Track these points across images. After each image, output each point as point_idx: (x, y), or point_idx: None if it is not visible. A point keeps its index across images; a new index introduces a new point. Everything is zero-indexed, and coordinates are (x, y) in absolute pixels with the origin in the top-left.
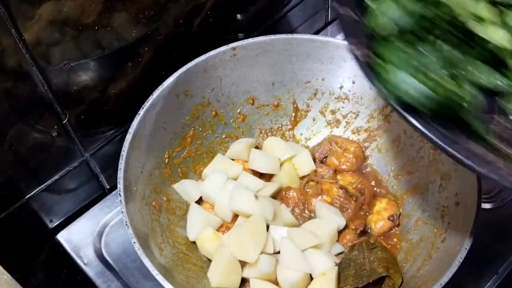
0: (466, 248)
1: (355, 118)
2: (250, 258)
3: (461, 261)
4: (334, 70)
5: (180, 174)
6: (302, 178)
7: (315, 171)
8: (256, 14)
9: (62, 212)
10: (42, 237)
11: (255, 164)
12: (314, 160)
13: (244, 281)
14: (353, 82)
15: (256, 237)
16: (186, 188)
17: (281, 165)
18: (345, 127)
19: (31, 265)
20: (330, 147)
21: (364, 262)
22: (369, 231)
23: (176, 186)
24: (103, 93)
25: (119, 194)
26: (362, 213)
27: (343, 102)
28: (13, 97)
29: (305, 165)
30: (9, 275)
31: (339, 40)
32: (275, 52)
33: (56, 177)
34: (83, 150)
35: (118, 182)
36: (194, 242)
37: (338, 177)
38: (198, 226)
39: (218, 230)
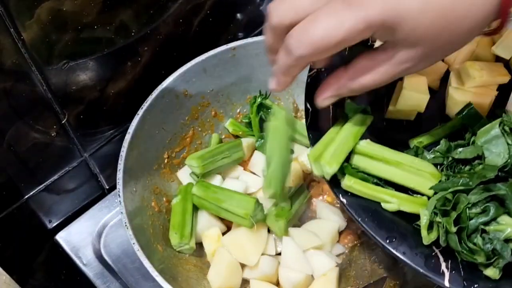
0: None
1: None
2: (250, 262)
3: None
4: None
5: None
6: (309, 174)
7: None
8: (256, 14)
9: (61, 212)
10: (41, 238)
11: (256, 167)
12: None
13: (245, 281)
14: None
15: (256, 240)
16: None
17: None
18: None
19: (30, 266)
20: None
21: (365, 262)
22: None
23: (180, 173)
24: (103, 93)
25: (118, 194)
26: None
27: None
28: (12, 97)
29: None
30: (8, 276)
31: None
32: None
33: (55, 177)
34: (82, 150)
35: (117, 183)
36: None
37: None
38: (206, 224)
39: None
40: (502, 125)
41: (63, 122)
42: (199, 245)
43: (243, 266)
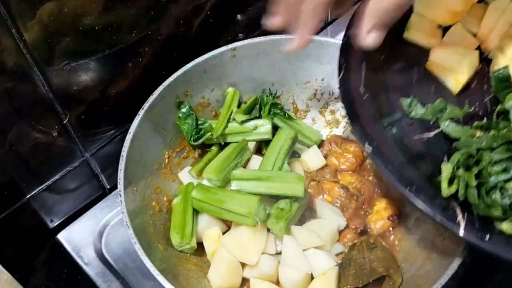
0: (466, 248)
1: None
2: (251, 261)
3: (461, 260)
4: (333, 70)
5: None
6: (316, 171)
7: (316, 170)
8: (256, 14)
9: (62, 212)
10: (42, 237)
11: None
12: None
13: (245, 280)
14: None
15: (256, 239)
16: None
17: (288, 164)
18: (344, 127)
19: (32, 265)
20: (330, 147)
21: (364, 261)
22: (369, 230)
23: (181, 174)
24: (104, 93)
25: (120, 194)
26: (362, 213)
27: None
28: (14, 97)
29: (315, 160)
30: (9, 275)
31: (339, 41)
32: (274, 53)
33: (56, 177)
34: (83, 150)
35: (118, 183)
36: None
37: (338, 177)
38: (206, 224)
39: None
40: None
41: (64, 122)
42: (200, 244)
43: (243, 265)
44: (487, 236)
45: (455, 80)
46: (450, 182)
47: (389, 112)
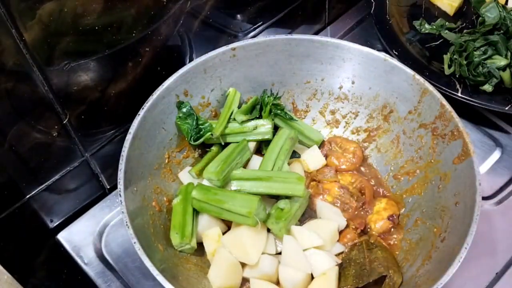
0: (465, 248)
1: (355, 118)
2: (251, 261)
3: (461, 260)
4: (333, 70)
5: None
6: (316, 171)
7: (316, 170)
8: (256, 14)
9: (62, 212)
10: (42, 237)
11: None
12: None
13: (245, 280)
14: (353, 82)
15: (256, 239)
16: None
17: (289, 164)
18: (344, 127)
19: (32, 265)
20: (330, 147)
21: (364, 261)
22: (368, 230)
23: (181, 174)
24: (104, 93)
25: (119, 194)
26: (362, 213)
27: (343, 102)
28: (14, 97)
29: (315, 160)
30: (9, 275)
31: (339, 41)
32: (274, 53)
33: (56, 177)
34: (83, 150)
35: (118, 183)
36: None
37: (338, 177)
38: (206, 224)
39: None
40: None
41: (64, 122)
42: (200, 244)
43: (243, 265)
44: (476, 97)
45: (450, 6)
46: (449, 67)
47: (407, 30)
